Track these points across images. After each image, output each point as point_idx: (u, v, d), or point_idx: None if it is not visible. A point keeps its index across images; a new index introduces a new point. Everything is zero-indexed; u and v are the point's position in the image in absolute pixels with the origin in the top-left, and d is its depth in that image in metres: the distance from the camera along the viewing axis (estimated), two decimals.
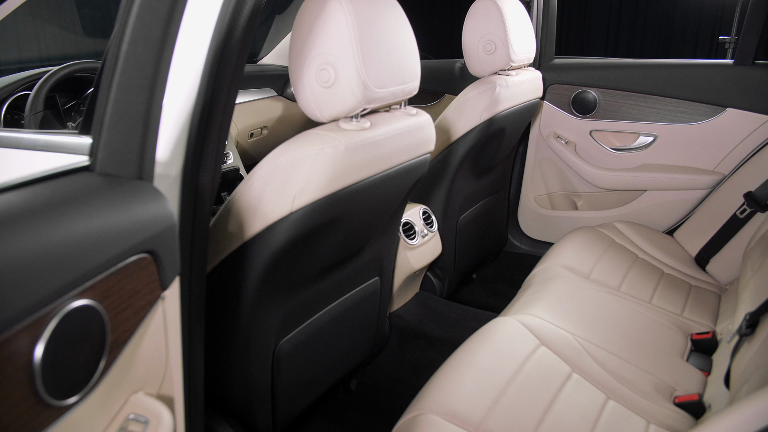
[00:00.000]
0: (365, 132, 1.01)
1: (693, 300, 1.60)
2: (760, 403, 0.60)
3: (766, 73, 1.79)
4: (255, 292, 1.04)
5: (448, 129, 1.66)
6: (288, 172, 0.96)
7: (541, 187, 2.23)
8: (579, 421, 1.10)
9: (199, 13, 0.84)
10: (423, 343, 1.59)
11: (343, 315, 1.31)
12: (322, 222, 1.01)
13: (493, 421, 1.05)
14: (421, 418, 1.04)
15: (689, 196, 1.93)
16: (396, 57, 1.04)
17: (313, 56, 0.98)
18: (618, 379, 1.22)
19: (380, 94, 1.01)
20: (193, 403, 0.95)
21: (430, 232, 1.67)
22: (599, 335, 1.35)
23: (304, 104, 1.02)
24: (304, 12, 0.99)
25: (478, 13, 1.65)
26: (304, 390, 1.27)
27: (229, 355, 1.11)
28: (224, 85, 0.86)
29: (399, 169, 1.12)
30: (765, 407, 0.60)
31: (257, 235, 1.00)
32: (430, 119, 1.19)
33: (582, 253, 1.70)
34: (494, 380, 1.13)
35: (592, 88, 2.03)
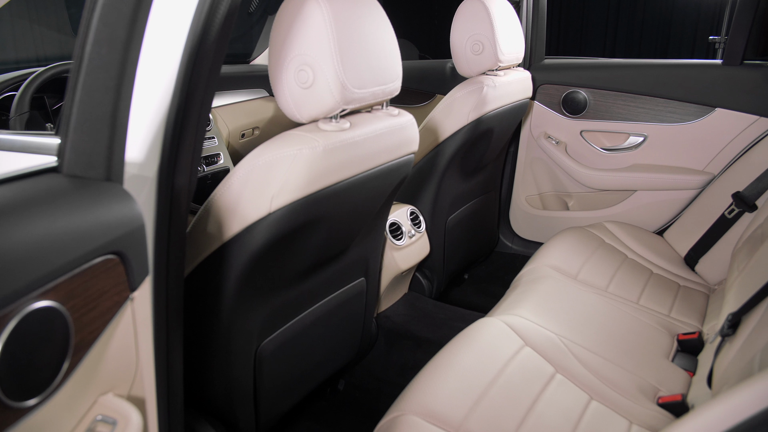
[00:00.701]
0: (344, 133, 1.00)
1: (681, 300, 1.60)
2: (732, 401, 0.60)
3: (755, 73, 1.78)
4: (235, 292, 1.04)
5: (436, 129, 1.66)
6: (266, 173, 0.96)
7: (532, 188, 2.23)
8: (561, 422, 1.09)
9: (173, 13, 0.84)
10: (410, 344, 1.59)
11: (328, 316, 1.31)
12: (301, 223, 1.01)
13: (473, 421, 1.04)
14: (401, 419, 1.04)
15: (679, 196, 1.93)
16: (376, 57, 1.04)
17: (291, 57, 0.98)
18: (601, 380, 1.22)
19: (359, 95, 1.01)
20: (171, 403, 0.95)
21: (418, 232, 1.67)
22: (584, 336, 1.34)
23: (283, 105, 1.02)
24: (282, 13, 0.99)
25: (465, 14, 1.64)
26: (288, 390, 1.27)
27: (210, 355, 1.10)
28: (200, 86, 0.86)
29: (381, 170, 1.12)
30: (736, 405, 0.59)
31: (236, 236, 0.99)
32: (412, 120, 1.19)
33: (570, 254, 1.70)
34: (476, 381, 1.13)
35: (582, 88, 2.03)
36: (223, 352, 1.10)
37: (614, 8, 6.14)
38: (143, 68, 0.84)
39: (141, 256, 0.69)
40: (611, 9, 6.15)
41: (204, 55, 0.85)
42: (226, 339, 1.08)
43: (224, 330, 1.07)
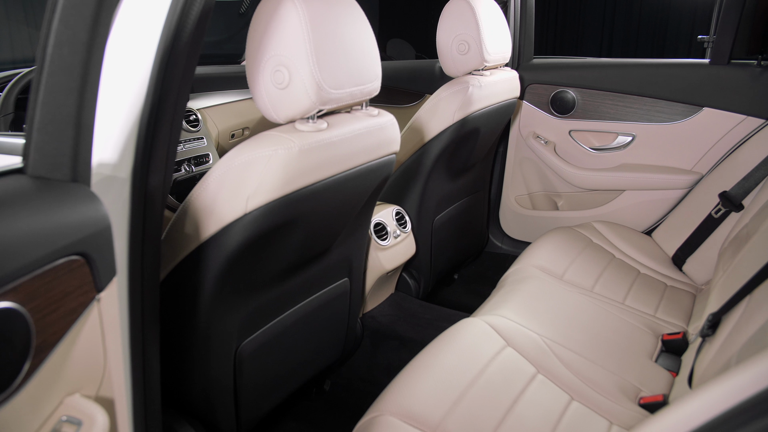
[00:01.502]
0: (321, 133, 1.00)
1: (667, 300, 1.59)
2: (706, 396, 0.59)
3: (742, 72, 1.78)
4: (213, 293, 1.04)
5: (422, 129, 1.66)
6: (241, 174, 0.96)
7: (521, 187, 2.23)
8: (540, 422, 1.09)
9: (145, 14, 0.84)
10: (395, 344, 1.59)
11: (311, 316, 1.31)
12: (278, 223, 1.01)
13: (451, 422, 1.04)
14: (379, 420, 1.04)
15: (667, 196, 1.93)
16: (353, 58, 1.04)
17: (267, 57, 0.98)
18: (583, 380, 1.22)
19: (336, 95, 1.01)
20: (148, 403, 0.95)
21: (403, 232, 1.67)
22: (567, 336, 1.34)
23: (260, 106, 1.02)
24: (259, 13, 0.99)
25: (451, 14, 1.64)
26: (269, 391, 1.27)
27: (188, 356, 1.11)
28: (173, 87, 0.86)
29: (360, 170, 1.12)
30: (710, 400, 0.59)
31: (213, 237, 1.00)
32: (392, 120, 1.19)
33: (557, 254, 1.70)
34: (456, 381, 1.13)
35: (570, 87, 2.03)
36: (202, 353, 1.10)
37: (611, 8, 6.14)
38: (114, 69, 0.84)
39: (107, 257, 0.69)
40: (608, 8, 6.15)
41: (178, 55, 0.85)
42: (205, 339, 1.08)
43: (203, 330, 1.07)
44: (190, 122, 2.03)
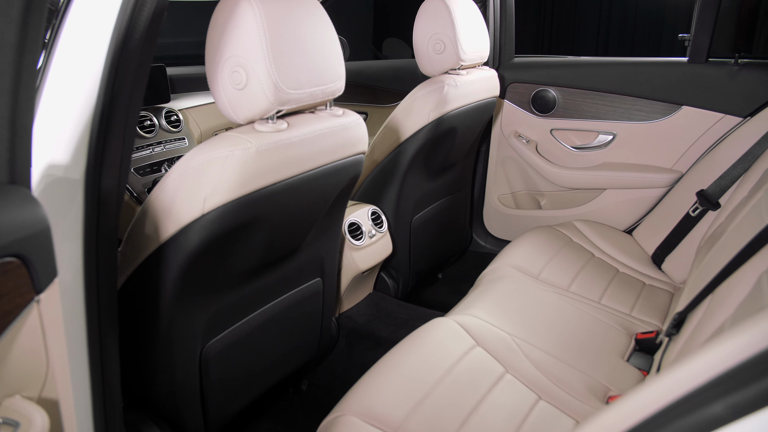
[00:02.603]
0: (280, 134, 1.00)
1: (644, 299, 1.59)
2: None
3: (719, 70, 1.77)
4: (174, 293, 1.04)
5: (397, 129, 1.66)
6: (198, 175, 0.96)
7: (504, 187, 2.22)
8: (505, 422, 1.09)
9: (95, 15, 0.84)
10: (370, 344, 1.59)
11: (282, 316, 1.31)
12: (237, 224, 1.01)
13: (413, 422, 1.04)
14: (340, 420, 1.04)
15: (648, 195, 1.92)
16: (313, 58, 1.03)
17: (225, 58, 0.98)
18: (552, 380, 1.22)
19: (295, 96, 1.01)
20: (108, 403, 0.95)
21: (379, 232, 1.67)
22: (539, 336, 1.34)
23: (220, 106, 1.02)
24: (217, 14, 0.99)
25: (427, 13, 1.64)
26: (238, 391, 1.27)
27: (152, 356, 1.11)
28: (125, 88, 0.86)
29: (323, 171, 1.12)
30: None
31: (172, 238, 1.00)
32: (358, 120, 1.18)
33: (534, 253, 1.69)
34: (421, 381, 1.12)
35: (550, 86, 2.02)
36: (166, 353, 1.10)
37: (606, 6, 6.12)
38: (64, 70, 0.84)
39: (46, 259, 0.69)
40: (603, 7, 6.13)
41: (129, 56, 0.85)
42: (168, 339, 1.08)
43: (165, 331, 1.07)
44: (172, 123, 2.03)
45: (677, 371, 0.55)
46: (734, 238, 1.16)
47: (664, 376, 0.57)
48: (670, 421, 0.51)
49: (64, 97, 0.83)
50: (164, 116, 2.01)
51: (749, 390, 0.48)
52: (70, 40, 0.83)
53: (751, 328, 0.50)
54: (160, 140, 1.98)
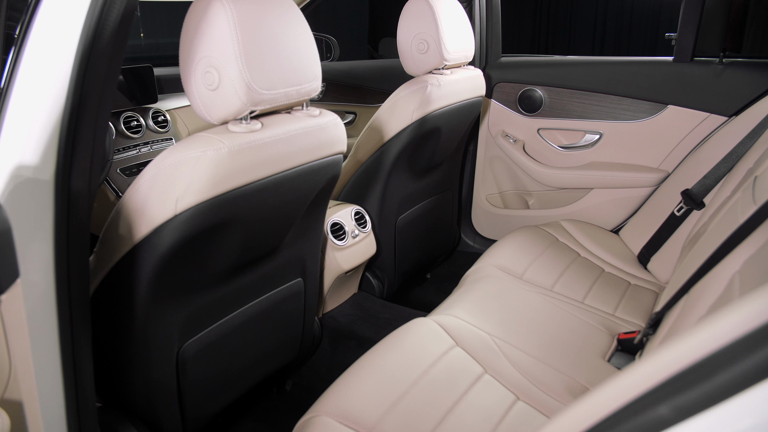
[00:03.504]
0: (253, 134, 1.00)
1: (628, 299, 1.59)
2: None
3: (704, 70, 1.77)
4: (148, 294, 1.04)
5: (381, 129, 1.66)
6: (171, 175, 0.96)
7: (492, 186, 2.22)
8: (481, 422, 1.09)
9: (63, 17, 0.84)
10: (353, 344, 1.59)
11: (262, 316, 1.31)
12: (210, 225, 1.01)
13: (388, 422, 1.04)
14: (315, 420, 1.04)
15: (635, 194, 1.92)
16: (287, 58, 1.03)
17: (198, 59, 0.98)
18: (531, 380, 1.22)
19: (268, 96, 1.00)
20: (81, 405, 0.95)
21: (362, 232, 1.66)
22: (519, 336, 1.34)
23: (194, 107, 1.02)
24: (190, 14, 0.99)
25: (411, 13, 1.64)
26: (217, 391, 1.27)
27: (128, 356, 1.11)
28: (95, 89, 0.86)
29: (299, 171, 1.11)
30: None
31: (145, 239, 0.99)
32: (335, 120, 1.18)
33: (519, 253, 1.69)
34: (398, 382, 1.12)
35: (537, 86, 2.02)
36: (142, 353, 1.10)
37: (602, 5, 6.12)
38: (32, 72, 0.84)
39: (6, 260, 0.68)
40: (599, 6, 6.13)
41: (98, 57, 0.85)
42: (144, 340, 1.08)
43: (141, 331, 1.07)
44: (159, 123, 2.03)
45: (628, 374, 0.55)
46: (711, 238, 1.16)
47: (614, 380, 0.57)
48: (617, 424, 0.51)
49: (33, 98, 0.83)
50: (151, 116, 2.01)
51: (694, 391, 0.47)
52: (38, 40, 0.83)
53: (698, 333, 0.50)
54: (147, 140, 1.98)
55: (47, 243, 0.87)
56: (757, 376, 0.44)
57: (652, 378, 0.51)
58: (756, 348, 0.45)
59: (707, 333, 0.50)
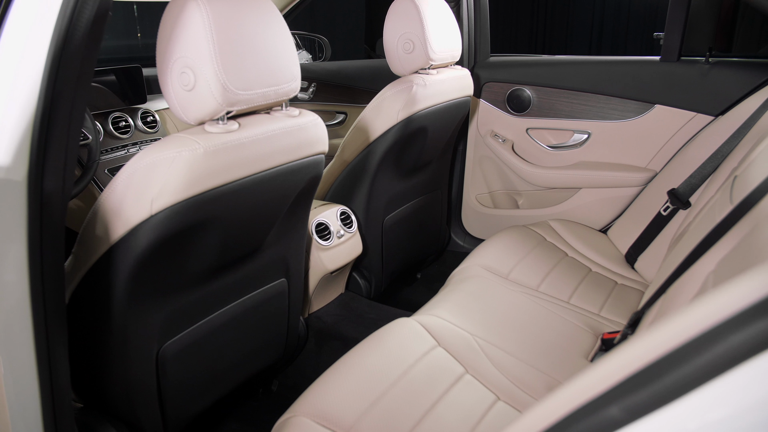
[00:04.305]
0: (229, 134, 1.00)
1: (614, 299, 1.59)
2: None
3: (691, 69, 1.77)
4: (125, 294, 1.04)
5: (367, 129, 1.66)
6: (146, 175, 0.96)
7: (482, 186, 2.22)
8: (460, 422, 1.09)
9: (34, 17, 0.84)
10: (339, 345, 1.59)
11: (245, 316, 1.31)
12: (187, 225, 1.01)
13: (366, 422, 1.04)
14: (292, 421, 1.04)
15: (623, 194, 1.92)
16: (264, 59, 1.03)
17: (174, 59, 0.98)
18: (512, 380, 1.22)
19: (245, 97, 1.00)
20: (58, 405, 0.95)
21: (348, 232, 1.66)
22: (502, 336, 1.34)
23: (171, 107, 1.02)
24: (166, 14, 0.99)
25: (396, 13, 1.64)
26: (199, 391, 1.27)
27: (107, 357, 1.11)
28: (67, 90, 0.86)
29: (279, 171, 1.11)
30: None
31: (122, 239, 1.00)
32: (316, 120, 1.18)
33: (505, 253, 1.69)
34: (377, 382, 1.12)
35: (525, 85, 2.02)
36: (121, 354, 1.10)
37: (600, 5, 6.12)
38: (2, 72, 0.84)
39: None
40: (597, 5, 6.12)
41: (71, 58, 0.85)
42: (122, 340, 1.08)
43: (119, 331, 1.07)
44: (148, 123, 2.03)
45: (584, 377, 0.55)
46: (690, 238, 1.16)
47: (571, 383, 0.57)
48: (571, 424, 0.51)
49: (4, 98, 0.83)
50: (140, 117, 2.01)
51: (644, 392, 0.47)
52: (9, 41, 0.83)
53: (650, 335, 0.51)
54: (135, 141, 1.98)
55: (21, 243, 0.87)
56: (703, 378, 0.44)
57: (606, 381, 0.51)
58: (703, 350, 0.45)
59: (660, 335, 0.50)
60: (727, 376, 0.43)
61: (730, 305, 0.45)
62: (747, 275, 0.48)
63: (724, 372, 0.43)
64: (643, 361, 0.49)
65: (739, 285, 0.48)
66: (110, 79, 2.02)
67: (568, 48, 6.31)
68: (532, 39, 6.39)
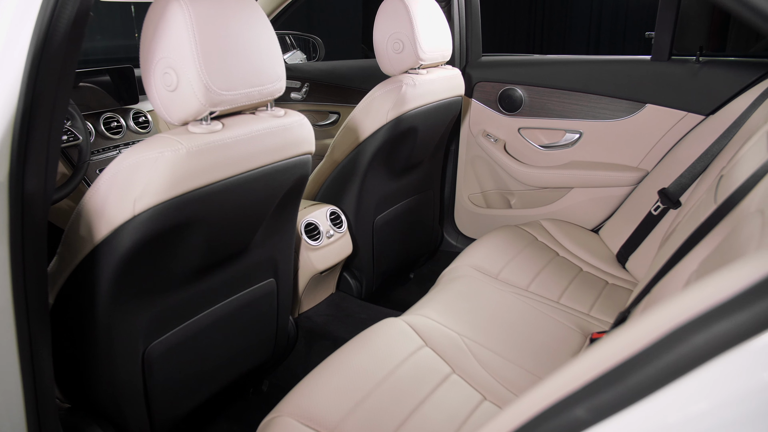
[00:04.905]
0: (212, 135, 1.00)
1: (604, 298, 1.59)
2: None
3: (682, 68, 1.77)
4: (110, 295, 1.04)
5: (356, 129, 1.66)
6: (129, 176, 0.96)
7: (474, 186, 2.22)
8: (445, 422, 1.09)
9: (13, 18, 0.84)
10: (328, 344, 1.59)
11: (232, 317, 1.31)
12: (170, 225, 1.01)
13: (351, 423, 1.04)
14: (276, 421, 1.04)
15: (614, 193, 1.92)
16: (247, 59, 1.03)
17: (156, 60, 0.98)
18: (499, 380, 1.22)
19: (228, 97, 1.00)
20: (41, 405, 0.95)
21: (338, 232, 1.66)
22: (490, 336, 1.34)
23: (155, 108, 1.02)
24: (149, 15, 0.99)
25: (386, 13, 1.64)
26: (186, 392, 1.27)
27: (93, 357, 1.11)
28: (48, 91, 0.86)
29: (263, 171, 1.11)
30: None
31: (105, 240, 1.00)
32: (302, 120, 1.18)
33: (496, 252, 1.69)
34: (363, 382, 1.12)
35: (517, 85, 2.02)
36: (106, 354, 1.10)
37: (597, 4, 6.11)
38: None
39: None
40: (594, 5, 6.12)
41: (52, 58, 0.85)
42: (108, 340, 1.08)
43: (104, 331, 1.07)
44: (140, 123, 2.03)
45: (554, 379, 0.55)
46: (677, 237, 1.16)
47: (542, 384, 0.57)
48: (539, 425, 0.51)
49: None
50: (132, 117, 2.01)
51: (609, 392, 0.47)
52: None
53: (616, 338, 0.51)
54: (127, 141, 1.98)
55: (3, 244, 0.87)
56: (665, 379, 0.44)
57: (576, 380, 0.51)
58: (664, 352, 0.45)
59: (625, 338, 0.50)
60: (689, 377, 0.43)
61: (691, 308, 0.45)
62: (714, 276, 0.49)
63: (685, 374, 0.44)
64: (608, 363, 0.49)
65: (705, 287, 0.48)
66: (104, 80, 2.02)
67: (566, 48, 6.31)
68: (530, 39, 6.38)
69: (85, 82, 2.00)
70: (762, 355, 0.42)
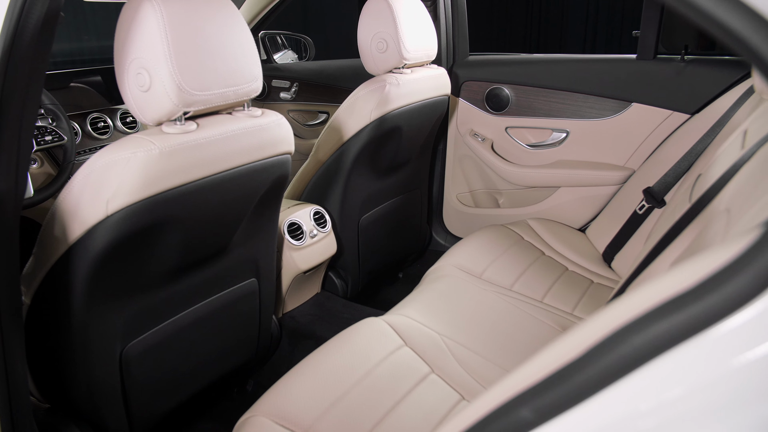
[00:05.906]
0: (186, 135, 1.00)
1: (589, 297, 1.58)
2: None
3: (667, 67, 1.76)
4: (85, 296, 1.04)
5: (340, 128, 1.66)
6: (102, 176, 0.96)
7: (463, 185, 2.22)
8: (421, 422, 1.09)
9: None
10: (311, 344, 1.59)
11: (213, 317, 1.31)
12: (144, 225, 1.01)
13: (326, 422, 1.04)
14: (251, 421, 1.04)
15: (601, 192, 1.92)
16: (223, 59, 1.03)
17: (130, 60, 0.98)
18: (477, 380, 1.22)
19: (201, 97, 1.00)
20: (15, 407, 0.95)
21: (321, 232, 1.66)
22: (470, 336, 1.34)
23: (130, 109, 1.02)
24: (122, 15, 0.99)
25: (370, 12, 1.64)
26: (165, 391, 1.27)
27: (69, 357, 1.11)
28: (17, 92, 0.86)
29: (239, 171, 1.11)
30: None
31: (79, 240, 1.00)
32: (279, 120, 1.18)
33: (480, 252, 1.69)
34: (339, 382, 1.12)
35: (504, 84, 2.02)
36: (83, 354, 1.10)
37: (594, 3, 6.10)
38: None
39: None
40: (591, 4, 6.11)
41: (20, 59, 0.85)
42: (84, 341, 1.08)
43: (80, 332, 1.07)
44: (127, 124, 2.03)
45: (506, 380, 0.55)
46: (654, 237, 1.15)
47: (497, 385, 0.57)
48: (487, 425, 0.51)
49: None
50: (119, 117, 2.01)
51: (553, 393, 0.48)
52: None
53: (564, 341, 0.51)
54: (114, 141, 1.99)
55: None
56: (606, 380, 0.45)
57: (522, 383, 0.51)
58: (606, 352, 0.45)
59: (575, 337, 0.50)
60: (626, 379, 0.44)
61: (633, 309, 0.45)
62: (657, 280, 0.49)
63: (624, 375, 0.44)
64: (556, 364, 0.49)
65: (649, 288, 0.48)
66: (95, 80, 2.03)
67: (563, 50, 6.30)
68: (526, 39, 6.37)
69: (76, 83, 2.00)
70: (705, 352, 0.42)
